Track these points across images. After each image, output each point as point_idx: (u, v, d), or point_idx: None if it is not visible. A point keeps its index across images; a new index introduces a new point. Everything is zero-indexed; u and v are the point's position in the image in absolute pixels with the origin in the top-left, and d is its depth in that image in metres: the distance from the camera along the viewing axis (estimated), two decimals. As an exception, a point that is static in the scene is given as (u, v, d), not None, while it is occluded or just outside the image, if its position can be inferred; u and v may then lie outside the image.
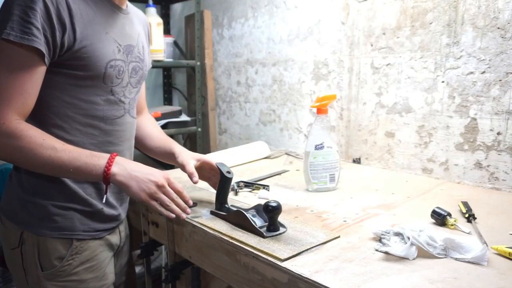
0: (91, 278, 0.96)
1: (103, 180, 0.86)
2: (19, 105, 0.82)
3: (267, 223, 0.87)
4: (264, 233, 0.84)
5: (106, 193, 0.91)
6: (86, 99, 0.91)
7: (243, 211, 0.89)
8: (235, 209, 0.94)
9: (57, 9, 0.81)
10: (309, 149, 1.18)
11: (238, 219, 0.90)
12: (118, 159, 0.88)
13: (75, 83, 0.89)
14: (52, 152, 0.82)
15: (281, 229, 0.86)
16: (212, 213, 0.99)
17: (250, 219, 0.87)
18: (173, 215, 0.92)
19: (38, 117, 0.88)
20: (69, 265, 0.93)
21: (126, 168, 0.87)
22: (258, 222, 0.88)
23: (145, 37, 1.11)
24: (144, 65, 1.05)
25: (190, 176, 1.03)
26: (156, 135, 1.20)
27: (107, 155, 0.87)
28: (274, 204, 0.84)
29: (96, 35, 0.88)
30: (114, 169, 0.86)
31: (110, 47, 0.91)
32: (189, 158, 1.07)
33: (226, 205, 0.98)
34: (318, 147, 1.17)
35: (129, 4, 1.03)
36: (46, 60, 0.82)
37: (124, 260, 1.13)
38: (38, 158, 0.82)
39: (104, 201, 0.95)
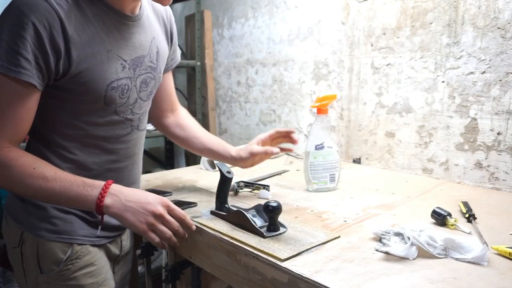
0: (90, 284, 0.94)
1: (97, 212, 0.82)
2: (11, 132, 0.79)
3: (267, 223, 0.87)
4: (264, 233, 0.84)
5: (101, 223, 0.86)
6: (87, 120, 0.88)
7: (243, 211, 0.89)
8: (235, 209, 0.94)
9: (51, 34, 0.76)
10: (309, 149, 1.17)
11: (238, 219, 0.90)
12: (112, 188, 0.82)
13: (74, 106, 0.86)
14: (43, 182, 0.79)
15: (281, 229, 0.86)
16: (212, 213, 0.98)
17: (250, 219, 0.87)
18: (166, 247, 0.89)
19: (40, 136, 0.87)
20: (68, 270, 0.91)
21: (121, 198, 0.81)
22: (258, 222, 0.88)
23: (163, 34, 1.04)
24: (156, 73, 0.99)
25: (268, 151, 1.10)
26: (201, 135, 1.19)
27: (101, 184, 0.82)
28: (274, 204, 0.83)
29: (96, 57, 0.83)
30: (107, 201, 0.80)
31: (112, 67, 0.86)
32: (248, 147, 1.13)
33: (226, 205, 0.98)
34: (318, 147, 1.16)
35: (144, 2, 0.96)
36: (39, 86, 0.79)
37: (126, 269, 1.11)
38: (29, 188, 0.79)
39: (98, 233, 0.91)
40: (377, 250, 0.78)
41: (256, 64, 2.02)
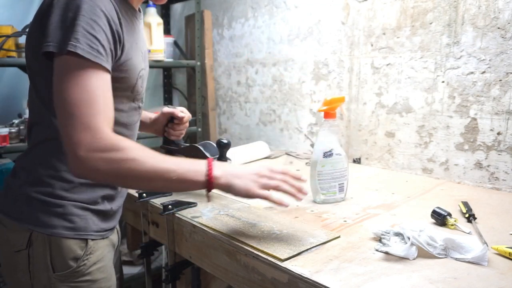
0: (102, 278, 0.94)
1: (207, 185, 0.81)
2: (107, 115, 0.78)
3: (216, 156, 1.10)
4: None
5: (209, 200, 0.87)
6: (114, 107, 0.87)
7: (196, 145, 1.13)
8: (187, 144, 1.16)
9: (114, 22, 0.80)
10: (317, 157, 1.09)
11: (190, 151, 1.10)
12: (215, 163, 0.83)
13: None
14: (154, 160, 0.78)
15: (228, 161, 1.09)
16: (162, 147, 1.16)
17: (202, 151, 1.09)
18: (287, 204, 0.85)
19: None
20: (84, 265, 0.91)
21: (226, 170, 0.82)
22: (208, 154, 1.12)
23: None
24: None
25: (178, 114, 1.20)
26: None
27: (203, 161, 0.82)
28: (225, 141, 1.10)
29: (133, 47, 0.88)
30: (216, 172, 0.80)
31: (139, 57, 0.91)
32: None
33: (175, 141, 1.21)
34: (327, 154, 1.08)
35: None
36: (109, 72, 0.80)
37: (117, 256, 1.12)
38: (148, 169, 0.77)
39: (208, 201, 0.91)
40: (377, 250, 0.78)
41: (256, 64, 2.02)
